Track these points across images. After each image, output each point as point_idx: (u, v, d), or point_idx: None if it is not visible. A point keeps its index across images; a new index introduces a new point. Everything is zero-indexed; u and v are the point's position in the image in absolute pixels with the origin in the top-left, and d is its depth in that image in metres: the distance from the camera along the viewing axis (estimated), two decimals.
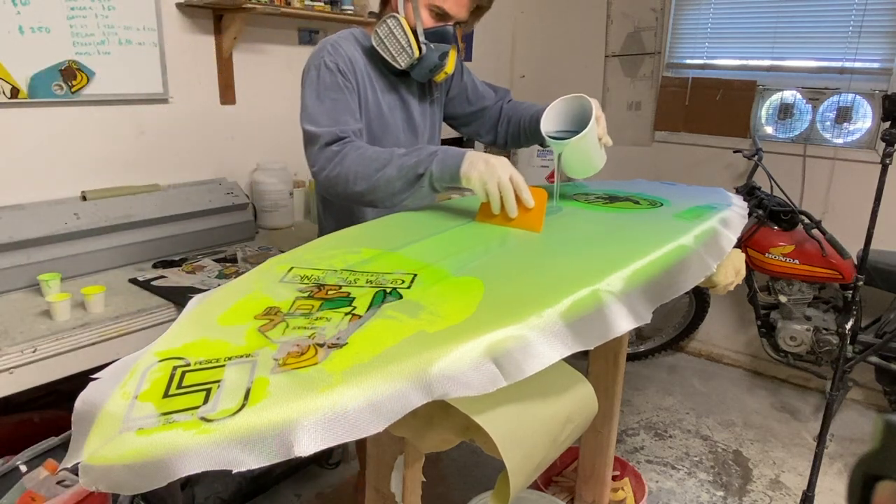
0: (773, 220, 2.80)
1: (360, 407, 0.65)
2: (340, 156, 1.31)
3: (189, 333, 0.80)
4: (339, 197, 1.36)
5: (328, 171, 1.33)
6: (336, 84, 1.39)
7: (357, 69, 1.45)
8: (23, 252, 1.77)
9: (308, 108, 1.39)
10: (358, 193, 1.31)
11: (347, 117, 1.38)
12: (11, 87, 1.84)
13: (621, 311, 0.86)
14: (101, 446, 0.63)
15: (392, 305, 0.83)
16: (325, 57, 1.40)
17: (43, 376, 1.49)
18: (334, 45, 1.43)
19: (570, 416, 0.85)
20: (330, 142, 1.34)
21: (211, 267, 1.98)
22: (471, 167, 1.19)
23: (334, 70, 1.39)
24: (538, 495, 1.74)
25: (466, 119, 1.74)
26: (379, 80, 1.51)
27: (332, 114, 1.37)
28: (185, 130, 2.32)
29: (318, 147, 1.34)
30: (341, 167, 1.31)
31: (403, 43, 1.41)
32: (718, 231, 1.19)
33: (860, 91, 2.87)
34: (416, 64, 1.44)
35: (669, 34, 3.37)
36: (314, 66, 1.41)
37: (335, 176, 1.32)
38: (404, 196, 1.29)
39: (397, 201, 1.30)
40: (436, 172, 1.23)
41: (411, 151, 1.28)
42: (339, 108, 1.38)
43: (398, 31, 1.40)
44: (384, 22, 1.41)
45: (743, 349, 3.43)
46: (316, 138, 1.35)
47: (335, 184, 1.33)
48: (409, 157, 1.26)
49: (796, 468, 2.51)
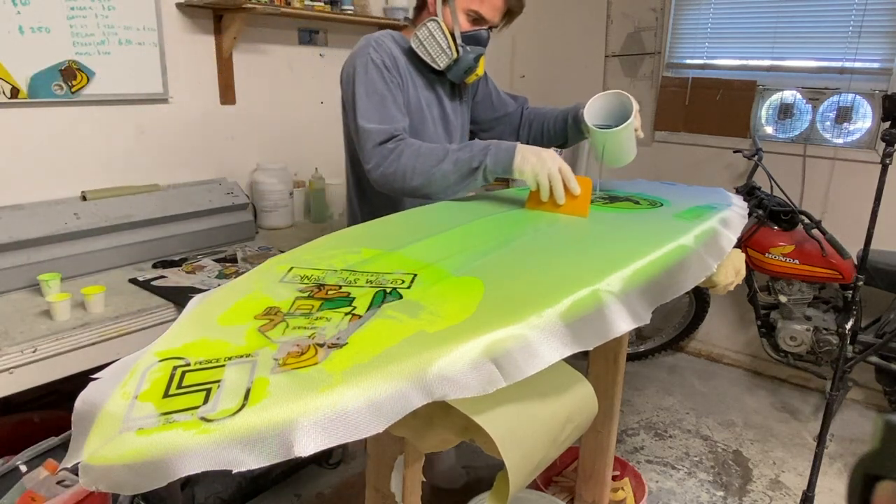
0: (773, 220, 2.80)
1: (360, 407, 0.65)
2: (396, 153, 1.38)
3: (189, 333, 0.80)
4: (395, 191, 1.43)
5: (384, 167, 1.39)
6: (383, 80, 1.46)
7: (399, 65, 1.52)
8: (23, 252, 1.77)
9: (359, 106, 1.44)
10: (414, 188, 1.39)
11: (396, 113, 1.45)
12: (11, 87, 1.84)
13: (621, 312, 0.86)
14: (101, 446, 0.63)
15: (392, 305, 0.83)
16: (371, 53, 1.46)
17: (43, 376, 1.49)
18: (378, 41, 1.49)
19: (570, 416, 0.85)
20: (384, 140, 1.40)
21: (211, 267, 1.98)
22: (523, 160, 1.30)
23: (381, 66, 1.46)
24: (538, 495, 1.74)
25: (489, 124, 1.81)
26: (417, 77, 1.58)
27: (381, 110, 1.43)
28: (185, 130, 2.32)
29: (373, 145, 1.41)
30: (398, 164, 1.38)
31: (443, 45, 1.49)
32: (718, 231, 1.19)
33: (860, 91, 2.87)
34: (453, 65, 1.52)
35: (669, 34, 3.37)
36: (360, 63, 1.46)
37: (392, 172, 1.39)
38: (458, 188, 1.38)
39: (451, 193, 1.40)
40: (490, 165, 1.33)
41: (463, 147, 1.38)
42: (387, 104, 1.45)
43: (438, 34, 1.48)
44: (424, 25, 1.49)
45: (743, 349, 3.43)
46: (370, 135, 1.41)
47: (392, 179, 1.40)
48: (463, 153, 1.36)
49: (796, 468, 2.51)
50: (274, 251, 2.18)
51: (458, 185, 1.38)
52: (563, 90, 3.71)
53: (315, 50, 2.72)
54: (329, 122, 2.84)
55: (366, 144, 1.42)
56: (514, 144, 1.33)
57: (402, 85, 1.51)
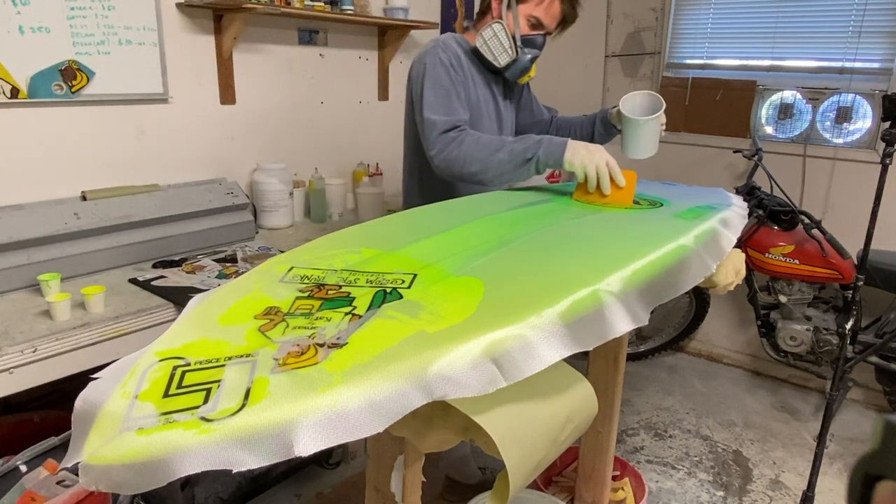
0: (773, 220, 2.79)
1: (360, 407, 0.65)
2: (457, 141, 1.54)
3: (189, 333, 0.80)
4: (454, 176, 1.57)
5: (446, 153, 1.54)
6: (449, 77, 1.61)
7: (462, 64, 1.68)
8: (23, 252, 1.77)
9: (427, 99, 1.59)
10: (472, 173, 1.53)
11: (458, 107, 1.61)
12: (11, 87, 1.84)
13: (621, 312, 0.86)
14: (101, 446, 0.63)
15: (392, 305, 0.83)
16: (440, 54, 1.62)
17: (43, 376, 1.48)
18: (445, 43, 1.66)
19: (570, 416, 0.85)
20: (448, 129, 1.55)
21: (211, 267, 1.98)
22: (574, 154, 1.44)
23: (447, 65, 1.62)
24: (538, 495, 1.74)
25: (526, 128, 1.96)
26: (476, 75, 1.73)
27: (446, 104, 1.59)
28: (185, 130, 2.32)
29: (437, 133, 1.56)
30: (459, 151, 1.53)
31: (506, 45, 1.65)
32: (718, 231, 1.19)
33: (860, 91, 2.87)
34: (512, 64, 1.68)
35: (669, 34, 3.37)
36: (430, 62, 1.61)
37: (453, 158, 1.53)
38: (511, 176, 1.53)
39: (504, 181, 1.55)
40: (542, 158, 1.47)
41: (518, 139, 1.52)
42: (451, 98, 1.60)
43: (501, 35, 1.64)
44: (490, 26, 1.65)
45: (743, 349, 3.43)
46: (434, 125, 1.56)
47: (452, 165, 1.54)
48: (518, 144, 1.50)
49: (796, 468, 2.51)
50: (274, 251, 2.18)
51: (511, 174, 1.51)
52: (564, 90, 3.71)
53: (315, 50, 2.72)
54: (329, 122, 2.84)
55: (431, 133, 1.57)
56: (565, 139, 1.47)
57: (465, 82, 1.67)
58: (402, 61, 3.10)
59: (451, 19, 3.29)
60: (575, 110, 3.72)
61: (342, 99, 2.88)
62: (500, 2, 1.67)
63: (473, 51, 1.71)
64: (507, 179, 1.54)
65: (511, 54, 1.66)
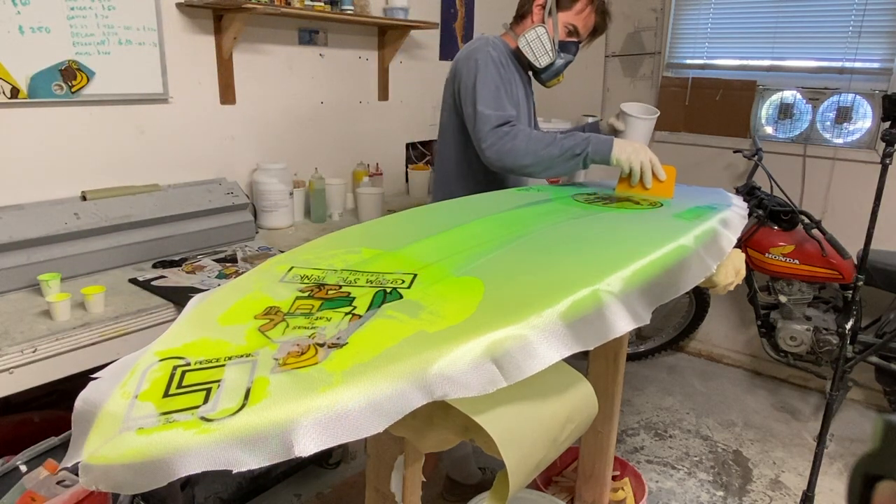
0: (773, 220, 2.80)
1: (360, 407, 0.65)
2: (510, 135, 1.61)
3: (189, 333, 0.80)
4: (505, 168, 1.65)
5: (499, 146, 1.62)
6: (499, 74, 1.70)
7: (509, 63, 1.78)
8: (23, 252, 1.77)
9: (479, 94, 1.67)
10: (523, 165, 1.62)
11: (507, 103, 1.69)
12: (11, 87, 1.84)
13: (621, 312, 0.86)
14: (101, 446, 0.63)
15: (392, 305, 0.83)
16: (491, 51, 1.72)
17: (43, 376, 1.48)
18: (493, 42, 1.76)
19: (570, 416, 0.85)
20: (500, 123, 1.63)
21: (211, 267, 1.98)
22: (620, 151, 1.57)
23: (498, 63, 1.71)
24: (538, 495, 1.74)
25: None
26: (515, 75, 1.83)
27: (498, 99, 1.67)
28: (185, 130, 2.32)
29: (490, 127, 1.63)
30: (512, 144, 1.61)
31: (547, 47, 1.76)
32: (718, 231, 1.19)
33: (860, 91, 2.87)
34: (549, 67, 1.80)
35: (669, 34, 3.37)
36: (482, 59, 1.70)
37: (506, 151, 1.61)
38: (559, 170, 1.63)
39: (551, 174, 1.65)
40: (591, 154, 1.59)
41: (568, 136, 1.62)
42: (502, 95, 1.69)
43: (544, 38, 1.75)
44: (533, 29, 1.75)
45: (743, 349, 3.43)
46: (488, 119, 1.64)
47: (505, 157, 1.62)
48: (568, 140, 1.60)
49: (796, 468, 2.51)
50: (274, 251, 2.18)
51: (559, 168, 1.62)
52: (563, 90, 3.71)
53: (315, 50, 2.72)
54: (329, 122, 2.84)
55: (483, 127, 1.64)
56: (610, 137, 1.61)
57: (511, 80, 1.76)
58: (401, 61, 3.10)
59: (451, 19, 3.29)
60: (575, 110, 3.73)
61: (342, 99, 2.88)
62: (542, 8, 1.77)
63: (513, 52, 1.82)
64: (554, 173, 1.64)
65: (551, 57, 1.77)
